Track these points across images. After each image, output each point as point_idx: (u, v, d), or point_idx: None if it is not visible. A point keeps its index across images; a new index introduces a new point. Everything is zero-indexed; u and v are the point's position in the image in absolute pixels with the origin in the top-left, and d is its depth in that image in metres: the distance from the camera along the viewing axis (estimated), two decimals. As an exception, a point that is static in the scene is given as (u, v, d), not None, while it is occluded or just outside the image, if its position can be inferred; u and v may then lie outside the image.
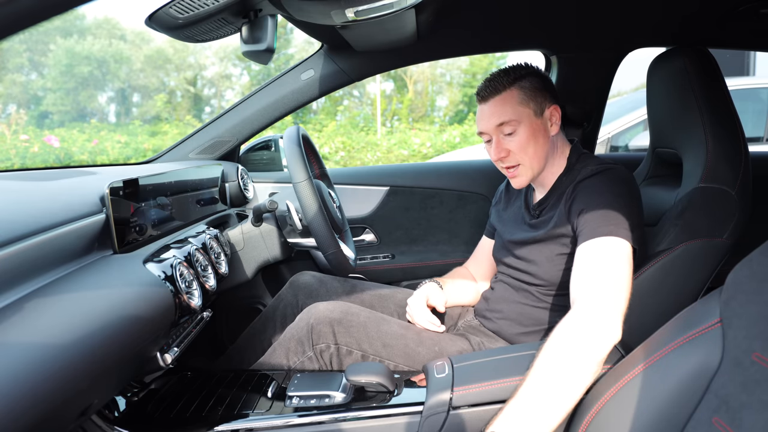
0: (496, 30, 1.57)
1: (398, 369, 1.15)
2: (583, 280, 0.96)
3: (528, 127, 1.13)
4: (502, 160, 1.16)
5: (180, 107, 17.81)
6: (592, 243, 0.99)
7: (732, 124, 1.14)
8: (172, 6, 0.87)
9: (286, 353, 1.18)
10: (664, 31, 1.52)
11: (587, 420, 0.84)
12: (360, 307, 1.23)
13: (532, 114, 1.13)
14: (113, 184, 0.93)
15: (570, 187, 1.11)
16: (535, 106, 1.14)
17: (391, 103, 16.98)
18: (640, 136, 3.75)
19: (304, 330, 1.16)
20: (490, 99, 1.14)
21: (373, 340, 1.15)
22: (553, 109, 1.16)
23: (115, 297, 0.79)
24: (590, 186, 1.07)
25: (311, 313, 1.19)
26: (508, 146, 1.14)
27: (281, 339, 1.20)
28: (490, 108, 1.14)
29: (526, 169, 1.16)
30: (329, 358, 1.15)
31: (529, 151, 1.14)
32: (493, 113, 1.13)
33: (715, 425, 0.66)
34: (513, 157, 1.15)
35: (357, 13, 1.01)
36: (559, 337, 0.89)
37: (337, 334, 1.15)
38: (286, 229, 1.49)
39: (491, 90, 1.14)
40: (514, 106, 1.12)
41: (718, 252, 1.06)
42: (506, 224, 1.32)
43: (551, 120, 1.16)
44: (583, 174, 1.11)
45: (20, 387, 0.58)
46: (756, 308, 0.66)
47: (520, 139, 1.13)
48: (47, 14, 0.45)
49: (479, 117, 1.18)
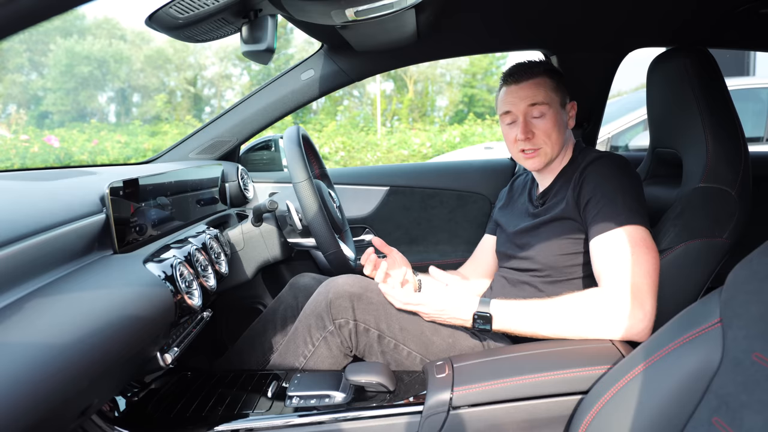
0: (496, 30, 1.57)
1: (410, 356, 1.14)
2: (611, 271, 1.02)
3: (555, 113, 1.19)
4: (526, 141, 1.18)
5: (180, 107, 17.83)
6: (611, 234, 1.04)
7: (732, 124, 1.14)
8: (172, 6, 0.87)
9: (308, 329, 1.16)
10: (664, 31, 1.52)
11: (587, 420, 0.84)
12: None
13: (558, 103, 1.20)
14: (113, 184, 0.93)
15: (576, 174, 1.15)
16: (561, 97, 1.21)
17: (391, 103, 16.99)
18: (640, 136, 3.75)
19: (322, 304, 1.15)
20: (523, 81, 1.19)
21: (391, 321, 1.14)
22: (572, 105, 1.25)
23: (115, 297, 0.79)
24: (596, 171, 1.11)
25: (329, 287, 1.17)
26: (534, 129, 1.18)
27: (301, 317, 1.19)
28: (524, 89, 1.18)
29: (544, 153, 1.20)
30: (348, 334, 1.14)
31: (552, 137, 1.18)
32: (527, 94, 1.18)
33: (715, 425, 0.66)
34: (536, 140, 1.19)
35: (357, 13, 1.01)
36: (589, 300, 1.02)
37: (356, 309, 1.13)
38: (286, 229, 1.49)
39: (525, 73, 1.19)
40: (547, 90, 1.18)
41: (718, 252, 1.06)
42: (510, 218, 1.35)
43: (570, 114, 1.24)
44: (587, 160, 1.15)
45: (20, 387, 0.58)
46: (756, 308, 0.66)
47: (547, 123, 1.18)
48: (47, 14, 0.45)
49: (507, 98, 1.21)
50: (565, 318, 1.02)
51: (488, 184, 1.87)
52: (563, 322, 1.02)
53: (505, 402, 0.93)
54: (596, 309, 1.01)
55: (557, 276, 1.16)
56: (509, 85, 1.21)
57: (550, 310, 1.04)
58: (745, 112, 3.71)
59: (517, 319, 1.05)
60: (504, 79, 1.23)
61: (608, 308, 1.00)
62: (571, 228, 1.13)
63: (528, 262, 1.20)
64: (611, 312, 0.99)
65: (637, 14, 1.39)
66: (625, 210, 1.04)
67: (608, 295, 1.01)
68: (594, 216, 1.07)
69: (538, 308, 1.04)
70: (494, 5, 1.35)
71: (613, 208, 1.05)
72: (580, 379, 0.92)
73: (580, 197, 1.11)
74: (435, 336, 1.15)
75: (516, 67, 1.22)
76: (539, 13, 1.43)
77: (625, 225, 1.03)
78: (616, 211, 1.04)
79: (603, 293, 1.02)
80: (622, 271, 1.00)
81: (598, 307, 1.01)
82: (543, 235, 1.18)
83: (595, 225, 1.06)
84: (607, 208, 1.05)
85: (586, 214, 1.10)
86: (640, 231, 1.03)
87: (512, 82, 1.20)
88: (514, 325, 1.05)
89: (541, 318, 1.04)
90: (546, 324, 1.03)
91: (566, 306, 1.03)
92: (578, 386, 0.92)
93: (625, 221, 1.03)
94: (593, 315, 1.00)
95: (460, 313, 1.08)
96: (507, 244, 1.30)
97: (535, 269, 1.19)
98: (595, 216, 1.07)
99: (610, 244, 1.03)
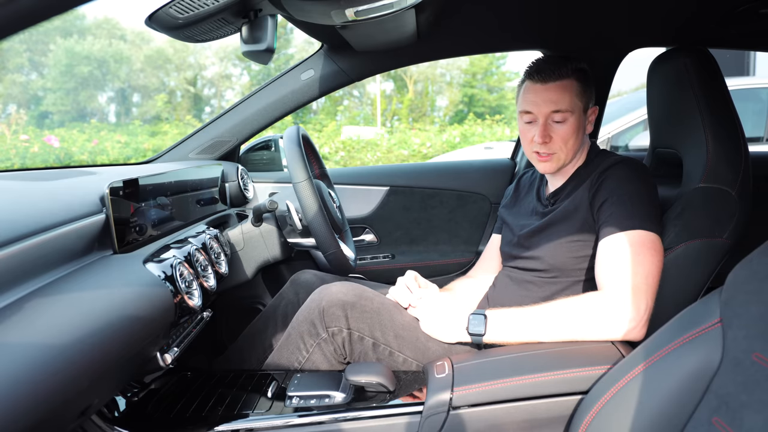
0: (496, 30, 1.57)
1: (406, 363, 1.14)
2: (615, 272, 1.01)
3: (576, 120, 1.15)
4: (543, 144, 1.15)
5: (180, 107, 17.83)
6: (619, 236, 1.03)
7: (732, 124, 1.14)
8: (172, 6, 0.87)
9: (300, 336, 1.15)
10: (664, 31, 1.52)
11: (587, 420, 0.84)
12: (374, 291, 1.20)
13: (581, 109, 1.16)
14: (113, 184, 0.93)
15: (594, 175, 1.14)
16: (585, 103, 1.17)
17: (391, 103, 16.99)
18: (640, 136, 3.75)
19: (315, 312, 1.13)
20: (550, 82, 1.13)
21: (385, 329, 1.13)
22: (594, 110, 1.21)
23: (115, 297, 0.79)
24: (616, 174, 1.10)
25: (322, 294, 1.15)
26: (552, 133, 1.15)
27: (293, 323, 1.18)
28: (550, 93, 1.13)
29: (558, 159, 1.17)
30: (342, 341, 1.13)
31: (569, 144, 1.16)
32: (552, 99, 1.13)
33: (715, 425, 0.66)
34: (552, 146, 1.16)
35: (357, 13, 1.01)
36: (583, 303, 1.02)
37: (350, 318, 1.12)
38: (286, 229, 1.49)
39: (553, 73, 1.13)
40: (572, 96, 1.14)
41: (718, 252, 1.06)
42: (517, 217, 1.33)
43: (590, 119, 1.20)
44: (607, 163, 1.14)
45: (20, 387, 0.58)
46: (756, 308, 0.66)
47: (567, 130, 1.14)
48: (47, 14, 0.45)
49: (531, 97, 1.16)
50: (559, 323, 1.02)
51: (488, 184, 1.87)
52: (556, 327, 1.02)
53: (505, 402, 0.93)
54: (589, 310, 1.01)
55: (563, 277, 1.16)
56: (534, 83, 1.15)
57: (541, 318, 1.04)
58: (745, 112, 3.71)
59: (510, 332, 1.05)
60: (529, 74, 1.17)
61: (601, 309, 1.00)
62: (581, 229, 1.13)
63: (535, 262, 1.20)
64: (604, 312, 0.99)
65: (638, 14, 1.39)
66: (638, 214, 1.04)
67: (603, 296, 1.01)
68: (607, 217, 1.07)
69: (529, 317, 1.05)
70: (494, 5, 1.35)
71: (627, 211, 1.05)
72: (580, 379, 0.92)
73: (596, 198, 1.11)
74: (431, 342, 1.14)
75: (543, 63, 1.15)
76: (539, 13, 1.43)
77: (636, 229, 1.03)
78: (630, 214, 1.04)
79: (599, 294, 1.02)
80: (621, 272, 1.00)
81: (591, 308, 1.01)
82: (553, 235, 1.17)
83: (606, 227, 1.06)
84: (621, 210, 1.05)
85: (599, 215, 1.09)
86: (650, 236, 1.03)
87: (538, 80, 1.14)
88: (507, 337, 1.06)
89: (532, 327, 1.04)
90: (538, 331, 1.03)
91: (559, 311, 1.03)
92: (578, 386, 0.92)
93: (636, 225, 1.03)
94: (587, 317, 1.00)
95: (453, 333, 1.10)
96: (514, 243, 1.29)
97: (542, 269, 1.18)
98: (608, 217, 1.07)
99: (615, 246, 1.03)
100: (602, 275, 1.04)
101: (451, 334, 1.10)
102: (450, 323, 1.11)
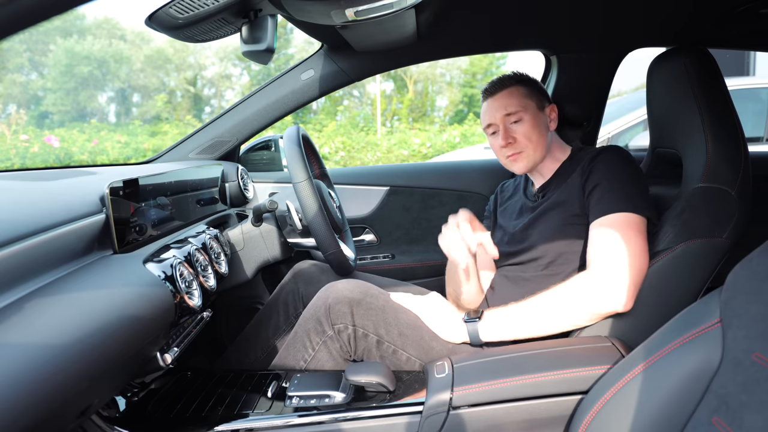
0: (496, 30, 1.57)
1: (410, 361, 1.14)
2: (600, 250, 1.07)
3: (532, 117, 1.26)
4: (508, 146, 1.26)
5: (180, 107, 17.83)
6: (609, 218, 1.08)
7: (732, 124, 1.14)
8: (172, 6, 0.87)
9: (307, 334, 1.16)
10: (664, 31, 1.52)
11: (587, 420, 0.84)
12: (379, 289, 1.22)
13: (535, 107, 1.27)
14: (113, 184, 0.93)
15: (585, 161, 1.20)
16: (537, 102, 1.28)
17: (391, 103, 16.99)
18: (640, 136, 3.75)
19: (321, 309, 1.15)
20: (497, 93, 1.28)
21: (390, 327, 1.14)
22: (552, 108, 1.32)
23: (115, 297, 0.79)
24: (607, 161, 1.16)
25: (329, 292, 1.17)
26: (514, 134, 1.26)
27: (300, 321, 1.19)
28: (498, 101, 1.27)
29: (528, 155, 1.26)
30: (347, 338, 1.14)
31: (533, 139, 1.25)
32: (501, 105, 1.27)
33: (714, 425, 0.66)
34: (518, 145, 1.26)
35: (357, 13, 1.01)
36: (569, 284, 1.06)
37: (356, 315, 1.13)
38: (286, 229, 1.49)
39: (498, 86, 1.29)
40: (519, 98, 1.26)
41: (718, 252, 1.06)
42: (507, 217, 1.39)
43: (550, 116, 1.31)
44: (596, 151, 1.21)
45: (20, 387, 0.58)
46: (756, 308, 0.66)
47: (525, 127, 1.25)
48: (47, 14, 0.45)
49: (486, 111, 1.30)
50: (551, 306, 1.07)
51: (488, 184, 1.87)
52: (549, 311, 1.07)
53: (505, 402, 0.94)
54: (577, 288, 1.05)
55: (558, 265, 1.18)
56: (486, 100, 1.31)
57: (535, 305, 1.08)
58: (745, 112, 3.71)
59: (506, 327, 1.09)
60: (482, 95, 1.33)
61: (587, 284, 1.05)
62: (573, 213, 1.17)
63: (530, 253, 1.22)
64: (590, 287, 1.04)
65: (637, 14, 1.39)
66: (627, 197, 1.09)
67: (588, 273, 1.06)
68: (597, 200, 1.12)
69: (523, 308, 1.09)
70: (494, 5, 1.35)
71: (617, 194, 1.10)
72: (580, 379, 0.93)
73: (588, 182, 1.16)
74: (434, 341, 1.15)
75: (489, 83, 1.32)
76: (539, 14, 1.43)
77: (624, 211, 1.08)
78: (619, 197, 1.09)
79: (585, 272, 1.07)
80: (608, 250, 1.05)
81: (578, 286, 1.05)
82: (546, 222, 1.21)
83: (597, 210, 1.11)
84: (611, 194, 1.10)
85: (590, 199, 1.14)
86: (637, 218, 1.08)
87: (487, 96, 1.30)
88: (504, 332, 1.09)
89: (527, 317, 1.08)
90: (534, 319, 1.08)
91: (550, 295, 1.07)
92: (578, 386, 0.92)
93: (623, 208, 1.08)
94: (576, 295, 1.05)
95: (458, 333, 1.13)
96: (506, 242, 1.32)
97: (538, 258, 1.21)
98: (598, 200, 1.12)
99: (604, 227, 1.08)
100: (590, 255, 1.09)
101: (456, 335, 1.14)
102: (454, 323, 1.15)
